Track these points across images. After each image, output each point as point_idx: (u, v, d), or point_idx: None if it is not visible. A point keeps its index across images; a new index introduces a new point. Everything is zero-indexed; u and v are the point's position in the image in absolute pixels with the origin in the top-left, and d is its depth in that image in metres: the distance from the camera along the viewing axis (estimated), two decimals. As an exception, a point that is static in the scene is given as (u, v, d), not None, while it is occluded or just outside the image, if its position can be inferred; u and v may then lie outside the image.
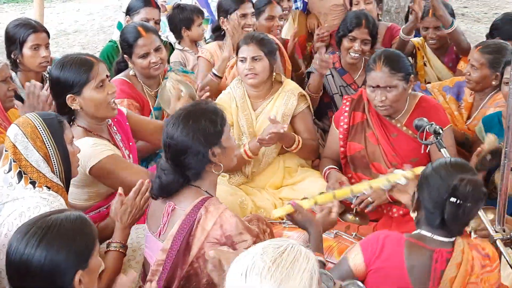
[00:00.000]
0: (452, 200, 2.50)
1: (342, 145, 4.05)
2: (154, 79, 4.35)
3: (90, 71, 3.34)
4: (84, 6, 12.75)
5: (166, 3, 6.68)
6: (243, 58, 4.21)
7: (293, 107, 4.28)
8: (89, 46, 10.03)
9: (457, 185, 2.50)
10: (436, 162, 2.68)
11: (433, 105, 3.94)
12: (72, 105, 3.36)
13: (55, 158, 2.92)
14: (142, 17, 5.03)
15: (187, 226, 2.72)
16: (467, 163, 2.73)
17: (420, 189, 2.65)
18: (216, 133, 2.79)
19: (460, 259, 2.55)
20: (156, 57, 4.20)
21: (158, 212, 2.88)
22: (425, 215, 2.62)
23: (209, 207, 2.73)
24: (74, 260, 2.15)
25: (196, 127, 2.75)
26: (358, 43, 4.61)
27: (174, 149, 2.78)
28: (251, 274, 1.83)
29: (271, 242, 1.93)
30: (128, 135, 3.69)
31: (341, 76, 4.77)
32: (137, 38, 4.17)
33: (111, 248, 2.99)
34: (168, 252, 2.72)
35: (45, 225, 2.17)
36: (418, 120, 3.40)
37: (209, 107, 2.87)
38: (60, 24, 11.40)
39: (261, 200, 4.13)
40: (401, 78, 3.76)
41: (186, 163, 2.77)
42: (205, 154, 2.76)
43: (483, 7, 11.08)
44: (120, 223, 3.01)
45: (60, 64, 3.37)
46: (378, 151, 3.92)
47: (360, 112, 4.02)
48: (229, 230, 2.69)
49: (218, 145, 2.79)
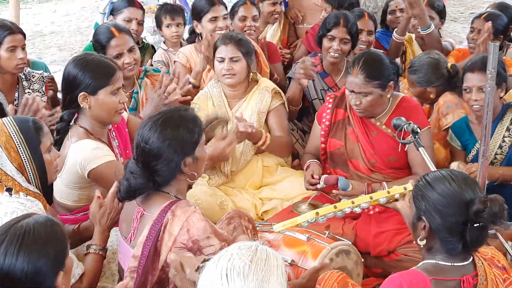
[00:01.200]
0: (476, 225, 2.33)
1: (323, 141, 4.07)
2: (128, 80, 4.31)
3: (112, 76, 3.36)
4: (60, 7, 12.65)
5: (143, 3, 6.66)
6: (221, 58, 4.20)
7: (267, 104, 4.29)
8: (66, 47, 9.96)
9: (480, 210, 2.30)
10: (435, 183, 2.43)
11: (413, 105, 3.96)
12: (82, 103, 3.35)
13: (30, 169, 2.89)
14: (125, 16, 5.04)
15: (154, 231, 2.66)
16: (466, 175, 2.50)
17: (429, 217, 2.41)
18: (192, 143, 2.75)
19: (486, 281, 2.42)
20: (129, 58, 4.17)
21: (129, 217, 2.85)
22: (441, 243, 2.41)
23: (176, 211, 2.67)
24: (54, 262, 2.14)
25: (173, 135, 2.71)
26: (337, 43, 4.60)
27: (147, 154, 2.73)
28: (233, 275, 1.83)
29: (241, 244, 1.94)
30: (126, 142, 3.68)
31: (322, 79, 4.75)
32: (110, 38, 4.15)
33: (91, 251, 2.98)
34: (140, 258, 2.67)
35: (19, 232, 2.14)
36: (396, 120, 3.43)
37: (189, 115, 2.82)
38: (36, 25, 11.30)
39: (241, 200, 4.13)
40: (377, 86, 3.74)
41: (156, 169, 2.73)
42: (178, 164, 2.72)
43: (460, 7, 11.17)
44: (99, 225, 3.00)
45: (81, 61, 3.38)
46: (357, 148, 3.94)
47: (342, 110, 4.04)
48: (196, 235, 2.63)
49: (191, 155, 2.75)
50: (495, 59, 2.81)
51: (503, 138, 3.88)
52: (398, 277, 2.39)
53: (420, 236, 2.46)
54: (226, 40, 4.21)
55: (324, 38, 4.66)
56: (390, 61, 3.88)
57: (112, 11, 5.20)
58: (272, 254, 1.90)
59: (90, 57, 3.43)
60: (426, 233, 2.43)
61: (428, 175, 2.50)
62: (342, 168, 4.01)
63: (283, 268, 1.90)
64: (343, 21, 4.61)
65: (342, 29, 4.60)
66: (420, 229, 2.46)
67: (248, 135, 4.01)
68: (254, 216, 3.94)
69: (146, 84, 4.42)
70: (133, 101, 4.34)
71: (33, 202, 2.83)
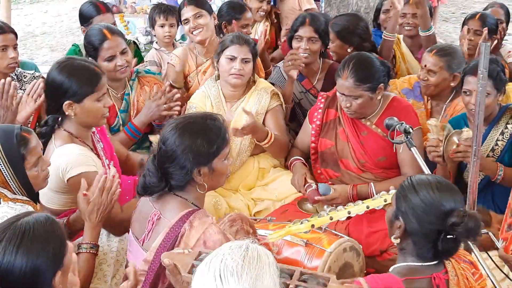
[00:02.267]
0: (449, 237, 2.37)
1: (313, 141, 4.08)
2: (120, 81, 4.31)
3: (98, 83, 3.34)
4: (51, 8, 12.62)
5: (135, 4, 6.66)
6: (233, 57, 4.17)
7: (266, 105, 4.29)
8: (58, 48, 9.94)
9: (456, 223, 2.34)
10: (419, 186, 2.46)
11: (404, 105, 3.96)
12: (68, 111, 3.31)
13: (14, 184, 2.88)
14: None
15: (170, 239, 2.63)
16: (451, 184, 2.53)
17: (406, 219, 2.45)
18: (209, 154, 2.70)
19: (456, 276, 2.47)
20: (122, 60, 4.15)
21: (144, 217, 2.82)
22: (413, 246, 2.46)
23: (193, 221, 2.64)
24: (53, 261, 2.12)
25: (189, 142, 2.67)
26: (305, 42, 4.58)
27: (163, 154, 2.72)
28: (226, 275, 1.82)
29: (231, 244, 1.93)
30: (110, 144, 3.67)
31: (300, 82, 4.74)
32: (103, 41, 4.12)
33: (82, 250, 2.95)
34: (151, 264, 2.65)
35: (18, 231, 2.12)
36: (389, 119, 3.43)
37: (215, 124, 2.75)
38: (28, 26, 11.28)
39: (234, 200, 4.14)
40: (367, 89, 3.75)
41: (169, 172, 2.71)
42: (189, 172, 2.68)
43: (451, 7, 11.21)
44: (89, 222, 2.97)
45: (66, 68, 3.34)
46: (347, 148, 3.95)
47: (333, 110, 4.05)
48: (212, 247, 2.56)
49: (207, 166, 2.71)
50: (487, 60, 2.81)
51: (496, 141, 3.86)
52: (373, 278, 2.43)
53: (395, 234, 2.50)
54: (240, 40, 4.19)
55: (294, 40, 4.67)
56: (380, 63, 3.86)
57: (82, 22, 5.05)
58: (263, 252, 1.90)
59: (74, 63, 3.37)
60: (400, 233, 2.48)
61: (415, 177, 2.53)
62: (333, 168, 4.02)
63: (275, 265, 1.90)
64: (309, 20, 4.61)
65: (308, 27, 4.59)
66: (396, 228, 2.50)
67: (254, 129, 3.98)
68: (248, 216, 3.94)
69: (138, 86, 4.40)
70: (124, 103, 4.32)
71: (22, 206, 2.82)
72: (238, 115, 4.15)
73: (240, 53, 4.15)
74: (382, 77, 3.81)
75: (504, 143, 3.85)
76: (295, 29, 4.65)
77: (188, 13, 4.78)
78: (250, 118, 3.91)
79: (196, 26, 4.74)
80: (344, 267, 3.25)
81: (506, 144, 3.85)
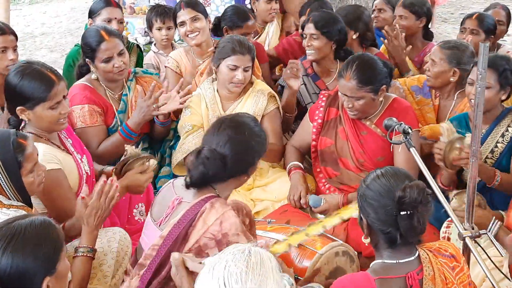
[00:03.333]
0: (402, 213, 2.40)
1: (314, 139, 4.08)
2: (117, 82, 4.30)
3: (50, 91, 3.28)
4: (50, 9, 12.61)
5: (134, 4, 6.66)
6: (235, 67, 4.15)
7: (263, 107, 4.29)
8: (57, 49, 9.93)
9: (401, 196, 2.38)
10: (367, 178, 2.53)
11: (404, 107, 3.96)
12: (21, 115, 3.31)
13: (10, 192, 2.88)
14: (104, 17, 4.95)
15: (189, 216, 2.72)
16: (398, 169, 2.60)
17: (364, 212, 2.50)
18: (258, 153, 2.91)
19: (432, 271, 2.48)
20: (119, 61, 4.12)
21: (164, 201, 2.88)
22: (381, 237, 2.48)
23: (215, 203, 2.74)
24: (41, 266, 2.12)
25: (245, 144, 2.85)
26: (307, 39, 4.58)
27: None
28: (231, 283, 1.82)
29: (233, 249, 1.93)
30: (78, 139, 3.66)
31: (314, 82, 4.72)
32: (100, 42, 4.09)
33: (79, 254, 2.95)
34: (165, 238, 2.71)
35: (9, 232, 2.13)
36: (388, 120, 3.43)
37: (255, 130, 2.92)
38: (27, 27, 11.27)
39: (232, 200, 4.14)
40: (369, 91, 3.76)
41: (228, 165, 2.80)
42: (245, 169, 2.88)
43: (450, 8, 11.21)
44: (87, 226, 2.96)
45: (20, 73, 3.30)
46: (346, 146, 3.96)
47: (335, 109, 4.05)
48: (227, 229, 2.69)
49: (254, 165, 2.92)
50: (485, 60, 2.80)
51: (496, 143, 3.82)
52: (344, 279, 2.50)
53: (364, 233, 2.54)
54: (243, 49, 4.17)
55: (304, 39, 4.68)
56: (383, 64, 3.86)
57: (90, 14, 5.10)
58: (266, 256, 1.91)
59: (30, 68, 3.32)
60: (366, 230, 2.52)
61: (367, 176, 2.57)
62: (332, 166, 4.03)
63: (278, 268, 1.91)
64: (312, 18, 4.62)
65: (310, 25, 4.58)
66: (363, 227, 2.54)
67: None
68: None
69: (135, 86, 4.39)
70: (122, 104, 4.31)
71: (16, 211, 2.81)
72: None
73: (242, 63, 4.15)
74: (384, 79, 3.82)
75: (504, 145, 3.81)
76: (302, 27, 4.69)
77: (185, 16, 4.77)
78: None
79: (192, 29, 4.74)
80: (336, 272, 3.23)
81: (505, 147, 3.80)
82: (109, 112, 4.25)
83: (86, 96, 4.12)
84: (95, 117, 4.14)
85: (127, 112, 4.31)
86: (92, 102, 4.13)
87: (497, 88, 3.74)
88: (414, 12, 5.28)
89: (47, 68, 3.39)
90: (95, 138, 4.12)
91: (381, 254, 2.51)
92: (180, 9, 4.82)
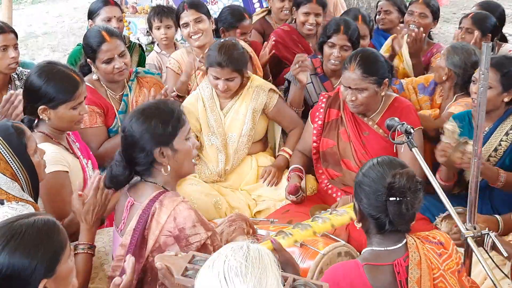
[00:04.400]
0: (391, 199, 2.46)
1: (315, 140, 4.08)
2: (118, 83, 4.29)
3: (75, 92, 3.35)
4: (53, 8, 12.60)
5: (137, 4, 6.66)
6: (216, 77, 4.13)
7: (262, 103, 4.28)
8: (59, 49, 9.92)
9: (391, 182, 2.46)
10: (364, 166, 2.63)
11: (405, 106, 3.98)
12: (42, 115, 3.34)
13: (22, 176, 2.90)
14: (104, 17, 4.97)
15: (142, 220, 2.74)
16: (394, 158, 2.68)
17: (358, 197, 2.59)
18: (166, 134, 2.80)
19: (418, 257, 2.53)
20: (120, 63, 4.12)
21: (122, 208, 2.90)
22: (372, 222, 2.56)
23: (164, 200, 2.74)
24: (39, 268, 2.10)
25: (145, 125, 2.79)
26: (337, 50, 4.51)
27: (125, 142, 2.84)
28: (231, 276, 1.83)
29: (232, 245, 1.94)
30: (85, 145, 3.70)
31: (322, 83, 4.70)
32: (101, 43, 4.09)
33: (78, 251, 2.94)
34: (128, 247, 2.73)
35: (9, 232, 2.12)
36: (390, 120, 3.43)
37: (167, 107, 2.87)
38: (29, 26, 11.25)
39: (235, 200, 4.16)
40: (373, 82, 3.79)
41: (134, 158, 2.81)
42: (149, 153, 2.78)
43: (452, 8, 11.18)
44: (85, 223, 2.96)
45: (45, 74, 3.34)
46: (349, 148, 3.97)
47: (335, 109, 4.06)
48: (182, 223, 2.70)
49: (169, 146, 2.80)
50: (488, 60, 2.80)
51: (500, 142, 3.82)
52: (335, 266, 2.66)
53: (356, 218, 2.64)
54: (222, 63, 4.07)
55: (325, 45, 4.59)
56: (384, 59, 3.93)
57: (89, 15, 5.11)
58: (264, 252, 1.92)
59: (54, 69, 3.38)
60: (358, 215, 2.61)
61: (364, 164, 2.66)
62: (335, 168, 4.04)
63: (276, 264, 1.92)
64: (343, 28, 4.51)
65: (343, 36, 4.51)
66: (356, 213, 2.64)
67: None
68: (249, 216, 3.94)
69: (137, 86, 4.39)
70: (123, 104, 4.31)
71: (23, 206, 2.81)
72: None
73: (222, 75, 4.11)
74: (387, 72, 3.86)
75: (508, 144, 3.79)
76: (328, 35, 4.55)
77: (189, 17, 4.78)
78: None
79: (196, 31, 4.76)
80: None
81: (509, 146, 3.79)
82: (109, 113, 4.25)
83: (87, 97, 4.10)
84: (95, 118, 4.14)
85: (127, 113, 4.29)
86: (92, 103, 4.12)
87: (499, 89, 3.71)
88: (432, 12, 5.35)
89: (70, 69, 3.47)
90: (95, 139, 4.12)
91: (371, 240, 2.60)
92: (184, 10, 4.82)
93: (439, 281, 2.54)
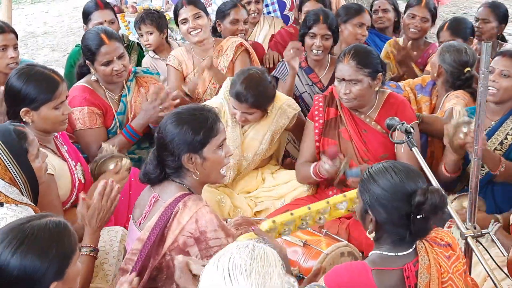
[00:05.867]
0: (419, 217, 2.38)
1: (317, 139, 4.07)
2: (117, 84, 4.29)
3: (55, 92, 3.35)
4: (52, 8, 12.60)
5: (136, 4, 6.66)
6: (235, 109, 4.05)
7: (284, 125, 4.22)
8: (59, 48, 9.92)
9: (420, 201, 2.36)
10: (378, 177, 2.47)
11: (400, 101, 4.00)
12: (25, 117, 3.34)
13: (21, 181, 2.89)
14: (95, 22, 4.98)
15: (164, 218, 2.76)
16: (408, 166, 2.54)
17: (374, 210, 2.47)
18: (196, 142, 2.81)
19: (428, 261, 2.48)
20: (119, 65, 4.11)
21: (144, 203, 2.92)
22: (387, 234, 2.49)
23: (188, 201, 2.77)
24: (50, 271, 2.11)
25: (177, 129, 2.81)
26: (319, 39, 4.69)
27: (158, 143, 2.89)
28: (236, 274, 1.84)
29: (237, 243, 1.96)
30: (74, 147, 3.71)
31: (307, 75, 4.84)
32: (100, 45, 4.07)
33: (82, 253, 2.93)
34: (145, 242, 2.75)
35: (21, 234, 2.13)
36: (390, 120, 3.43)
37: (202, 115, 2.87)
38: (29, 26, 11.26)
39: (237, 199, 4.16)
40: (367, 74, 3.80)
41: (164, 159, 2.85)
42: (178, 158, 2.81)
43: (452, 7, 11.18)
44: (89, 227, 2.96)
45: (24, 75, 3.34)
46: (351, 146, 3.96)
47: (333, 108, 4.06)
48: (204, 226, 2.73)
49: (198, 154, 2.82)
50: (488, 59, 2.80)
51: (506, 135, 3.81)
52: (341, 267, 2.54)
53: (369, 229, 2.52)
54: (242, 97, 3.97)
55: (306, 36, 4.75)
56: (377, 55, 4.00)
57: (83, 19, 5.14)
58: (270, 251, 1.93)
59: (33, 70, 3.39)
60: (373, 227, 2.50)
61: (372, 167, 2.54)
62: (337, 167, 4.01)
63: (281, 263, 1.93)
64: (322, 18, 4.70)
65: (323, 25, 4.69)
66: (368, 222, 2.52)
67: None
68: (250, 215, 3.95)
69: (135, 87, 4.38)
70: (122, 105, 4.29)
71: (23, 208, 2.82)
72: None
73: (240, 108, 4.03)
74: (380, 66, 3.89)
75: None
76: (308, 26, 4.72)
77: (187, 13, 4.80)
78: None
79: (195, 26, 4.78)
80: None
81: (515, 140, 3.81)
82: (108, 114, 4.24)
83: (86, 98, 4.11)
84: (95, 119, 4.13)
85: (126, 114, 4.30)
86: (92, 104, 4.12)
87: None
88: (432, 15, 5.40)
89: (49, 69, 3.46)
90: (95, 140, 4.09)
91: (381, 246, 2.52)
92: (182, 6, 4.84)
93: (447, 285, 2.51)
